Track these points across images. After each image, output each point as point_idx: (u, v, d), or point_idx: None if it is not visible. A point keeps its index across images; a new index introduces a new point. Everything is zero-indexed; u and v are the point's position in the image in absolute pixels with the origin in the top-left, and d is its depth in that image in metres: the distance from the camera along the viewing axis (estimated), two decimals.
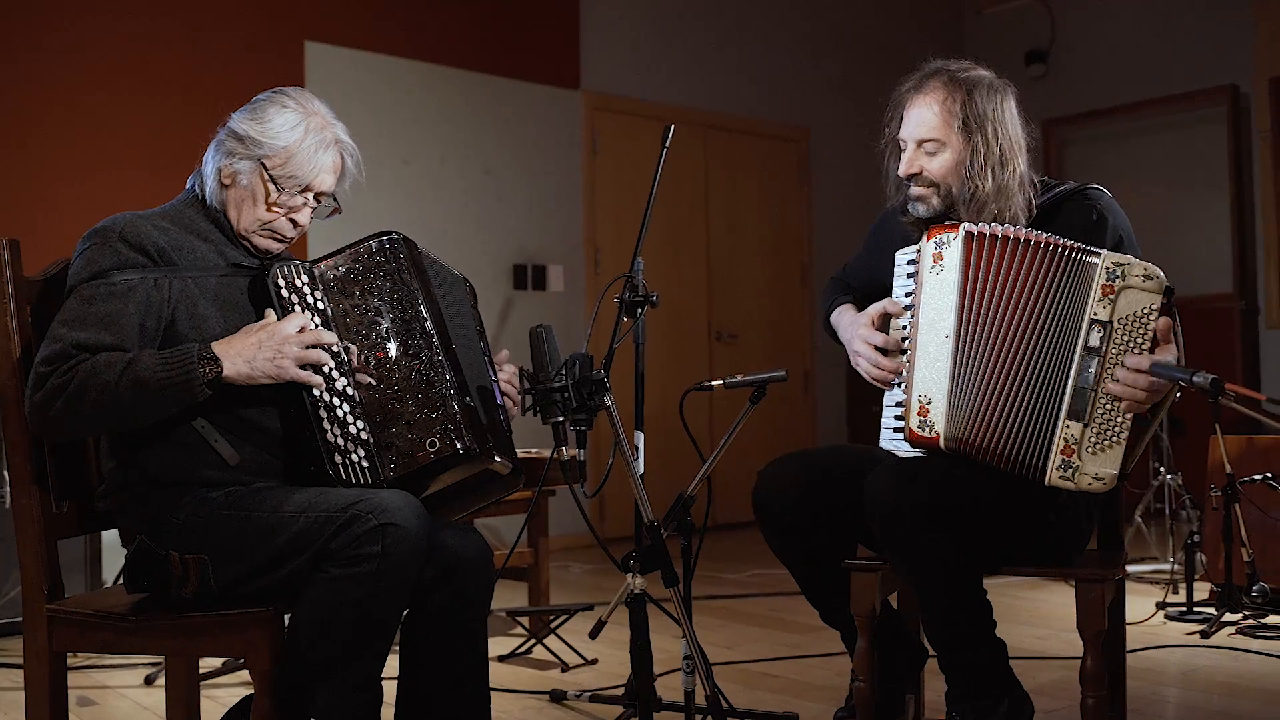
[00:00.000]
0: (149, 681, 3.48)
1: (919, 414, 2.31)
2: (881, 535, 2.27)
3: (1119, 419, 2.19)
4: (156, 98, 5.01)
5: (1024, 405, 2.25)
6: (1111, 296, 2.20)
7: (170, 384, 2.00)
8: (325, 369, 2.11)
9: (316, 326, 2.14)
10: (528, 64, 6.17)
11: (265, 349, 2.05)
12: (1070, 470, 2.21)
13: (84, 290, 2.07)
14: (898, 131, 2.52)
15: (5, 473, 4.03)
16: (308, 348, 2.08)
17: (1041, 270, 2.27)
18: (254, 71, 5.21)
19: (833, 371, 7.38)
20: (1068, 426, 2.21)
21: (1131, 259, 2.23)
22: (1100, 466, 2.19)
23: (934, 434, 2.29)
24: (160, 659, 3.56)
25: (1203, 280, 6.89)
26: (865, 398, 7.24)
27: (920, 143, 2.45)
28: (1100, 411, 2.20)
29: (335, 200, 2.32)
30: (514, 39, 6.12)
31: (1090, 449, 2.20)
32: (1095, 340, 2.21)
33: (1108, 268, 2.21)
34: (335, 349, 2.13)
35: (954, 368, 2.30)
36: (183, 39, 5.11)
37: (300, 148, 2.21)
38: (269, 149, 2.20)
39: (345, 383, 2.12)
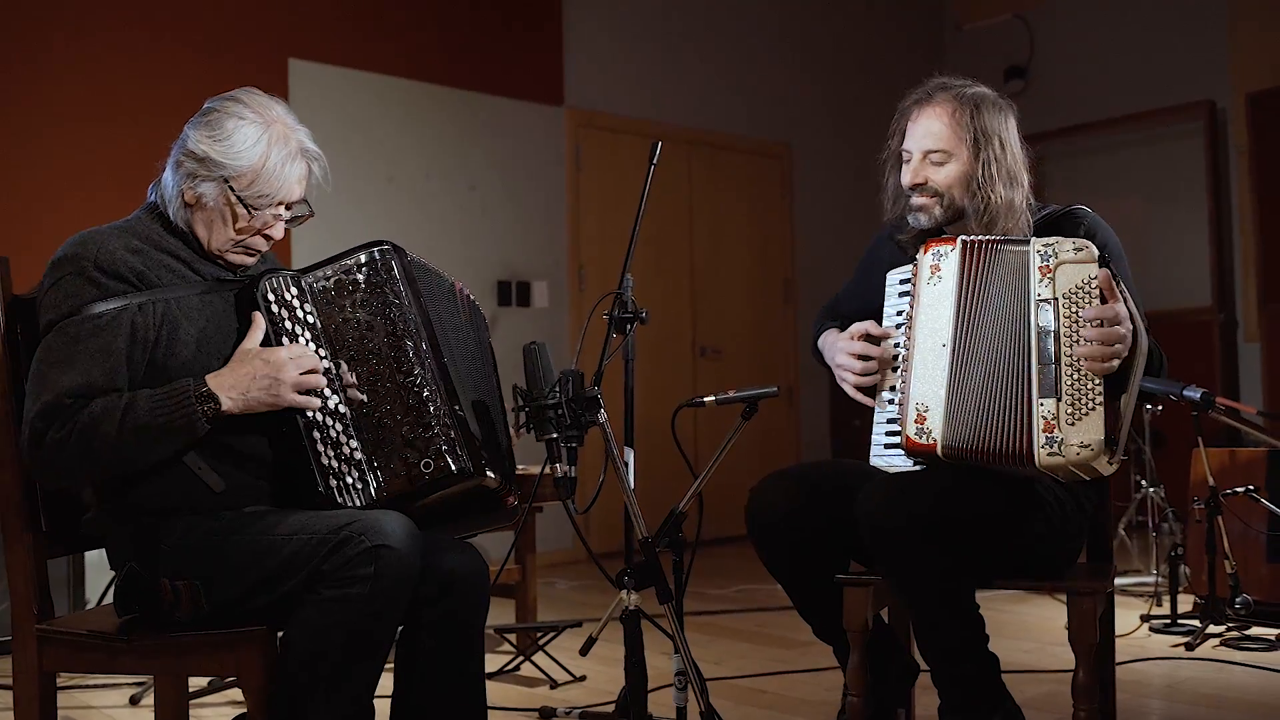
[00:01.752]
0: (134, 701, 3.46)
1: (916, 421, 2.33)
2: (876, 551, 2.28)
3: (1089, 385, 2.21)
4: (142, 116, 5.00)
5: (1003, 398, 2.28)
6: (1050, 276, 2.26)
7: (170, 427, 1.97)
8: (319, 388, 2.09)
9: (308, 343, 2.11)
10: (511, 81, 6.18)
11: (260, 379, 2.02)
12: (1055, 445, 2.22)
13: (68, 327, 1.99)
14: (900, 145, 2.53)
15: None
16: (303, 373, 2.05)
17: (997, 268, 2.32)
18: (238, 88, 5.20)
19: (816, 387, 7.40)
20: (1042, 404, 2.24)
21: (1058, 238, 2.28)
22: (1083, 434, 2.21)
23: (931, 441, 2.31)
24: (144, 679, 3.53)
25: (1182, 294, 6.95)
26: (848, 413, 7.33)
27: (927, 153, 2.48)
28: (1069, 382, 2.23)
29: (308, 205, 2.24)
30: (498, 56, 6.14)
31: (1069, 420, 2.22)
32: (1046, 318, 2.25)
33: (1039, 250, 2.27)
34: (328, 365, 2.12)
35: (951, 375, 2.32)
36: (167, 57, 5.10)
37: (266, 165, 2.12)
38: (233, 170, 2.10)
39: (338, 400, 2.11)
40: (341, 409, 2.10)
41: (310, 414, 2.07)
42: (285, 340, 2.11)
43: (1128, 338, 2.20)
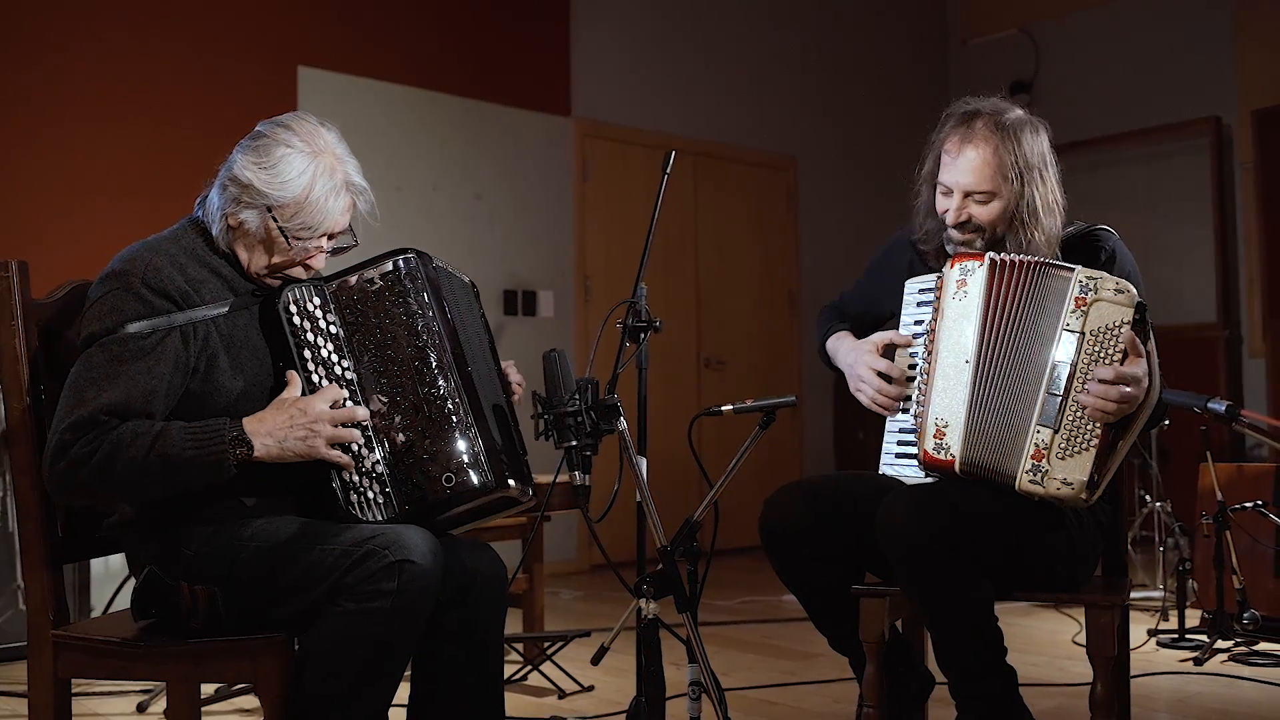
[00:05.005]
0: (141, 709, 3.44)
1: (935, 437, 2.33)
2: (896, 565, 2.27)
3: (1089, 426, 2.22)
4: (153, 122, 5.02)
5: (1010, 417, 2.28)
6: (1084, 309, 2.25)
7: (199, 462, 1.94)
8: (354, 442, 2.06)
9: (330, 354, 2.10)
10: (519, 90, 6.19)
11: (296, 428, 1.99)
12: (1039, 475, 2.23)
13: (110, 345, 1.97)
14: (936, 173, 2.50)
15: None
16: (339, 426, 2.03)
17: (1033, 290, 2.32)
18: (247, 95, 5.22)
19: (821, 399, 7.41)
20: (1038, 432, 2.25)
21: (1104, 274, 2.27)
22: (1069, 472, 2.21)
23: (949, 457, 2.31)
24: (151, 686, 3.52)
25: (1187, 309, 6.96)
26: (852, 425, 7.32)
27: (970, 193, 2.44)
28: (1070, 418, 2.23)
29: (353, 235, 2.22)
30: (506, 66, 6.15)
31: (1060, 454, 2.22)
32: (1068, 350, 2.25)
33: (1081, 281, 2.27)
34: (351, 376, 2.10)
35: (973, 391, 2.32)
36: (177, 64, 5.11)
37: (310, 197, 2.08)
38: (276, 200, 2.08)
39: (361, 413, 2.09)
40: (364, 422, 2.08)
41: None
42: (308, 352, 2.10)
43: (1139, 398, 2.20)
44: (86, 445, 1.92)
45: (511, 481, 2.10)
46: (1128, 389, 2.18)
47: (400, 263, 2.15)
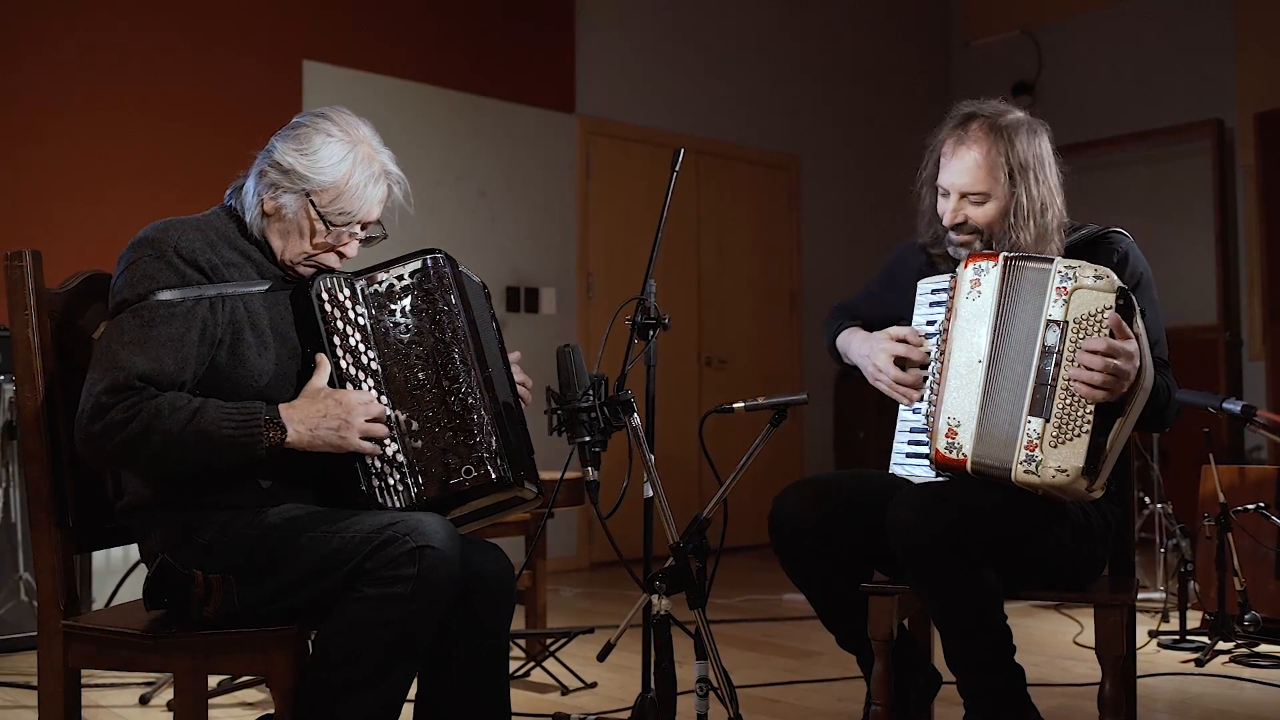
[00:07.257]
0: (144, 701, 3.44)
1: (947, 436, 2.33)
2: (907, 562, 2.28)
3: (1080, 412, 2.22)
4: (160, 115, 5.01)
5: (1007, 413, 2.29)
6: (1065, 298, 2.26)
7: (233, 442, 1.96)
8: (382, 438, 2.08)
9: (358, 344, 2.11)
10: (523, 87, 6.19)
11: (330, 419, 2.01)
12: (1034, 465, 2.23)
13: (142, 310, 1.99)
14: (935, 176, 2.53)
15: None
16: (370, 420, 2.04)
17: (1020, 284, 2.33)
18: (253, 89, 5.22)
19: (820, 398, 7.41)
20: (1029, 422, 2.25)
21: (1083, 262, 2.29)
22: (1062, 459, 2.22)
23: (962, 456, 2.31)
24: (155, 678, 3.52)
25: (1188, 311, 6.96)
26: (852, 425, 7.33)
27: (964, 194, 2.47)
28: (1059, 406, 2.23)
29: (382, 227, 2.26)
30: (510, 62, 6.15)
31: (1051, 442, 2.23)
32: (1052, 339, 2.26)
33: (1060, 271, 2.28)
34: (376, 367, 2.11)
35: (984, 391, 2.32)
36: (184, 56, 5.10)
37: (349, 183, 2.15)
38: (316, 184, 2.13)
39: (386, 403, 2.10)
40: (388, 413, 2.10)
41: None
42: (336, 339, 2.12)
43: (1130, 374, 2.19)
44: (124, 411, 1.93)
45: (527, 483, 2.14)
46: (1116, 361, 2.17)
47: (429, 261, 2.20)
